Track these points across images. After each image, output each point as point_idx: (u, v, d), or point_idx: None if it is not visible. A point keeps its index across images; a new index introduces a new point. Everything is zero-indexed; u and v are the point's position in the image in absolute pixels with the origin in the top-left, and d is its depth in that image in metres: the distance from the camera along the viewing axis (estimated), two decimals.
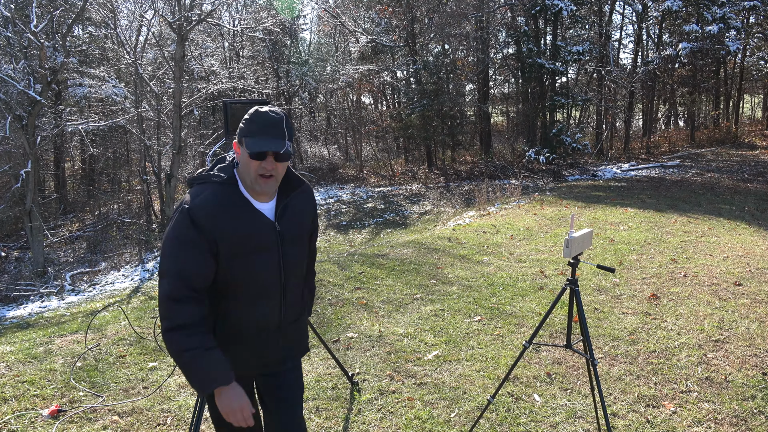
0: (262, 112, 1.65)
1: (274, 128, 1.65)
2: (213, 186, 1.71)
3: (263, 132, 1.64)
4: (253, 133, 1.65)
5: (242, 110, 2.96)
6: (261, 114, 1.65)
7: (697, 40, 17.82)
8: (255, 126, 1.65)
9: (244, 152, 1.66)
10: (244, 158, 1.67)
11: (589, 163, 17.80)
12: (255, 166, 1.65)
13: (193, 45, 17.66)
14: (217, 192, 1.70)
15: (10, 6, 13.88)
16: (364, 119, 22.96)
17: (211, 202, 1.68)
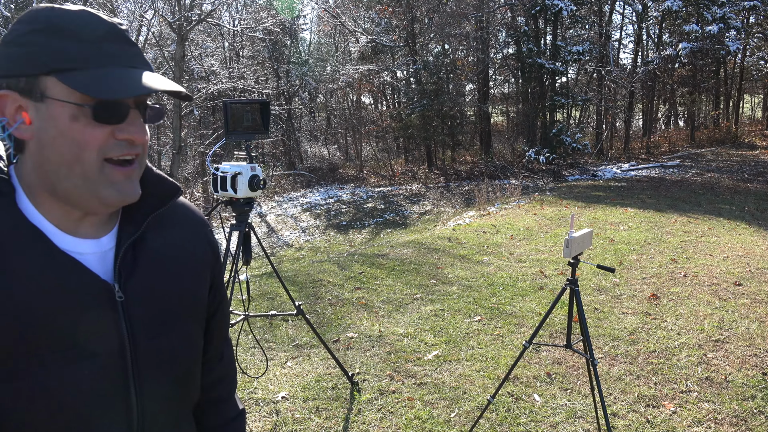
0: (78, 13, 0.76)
1: (124, 44, 0.78)
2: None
3: (106, 55, 0.75)
4: (83, 59, 0.74)
5: (242, 110, 2.95)
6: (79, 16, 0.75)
7: (697, 40, 17.82)
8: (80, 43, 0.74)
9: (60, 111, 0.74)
10: (61, 127, 0.74)
11: (589, 163, 17.80)
12: (100, 139, 0.75)
13: (193, 45, 17.66)
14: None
15: (10, 6, 13.88)
16: (364, 119, 22.97)
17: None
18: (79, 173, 0.76)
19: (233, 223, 3.02)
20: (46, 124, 0.75)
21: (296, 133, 23.51)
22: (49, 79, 0.74)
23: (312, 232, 12.77)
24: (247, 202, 2.99)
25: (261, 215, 15.03)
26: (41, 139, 0.75)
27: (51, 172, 0.76)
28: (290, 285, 5.50)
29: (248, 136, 2.97)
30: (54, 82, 0.74)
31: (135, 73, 0.76)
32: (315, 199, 16.47)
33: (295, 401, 3.25)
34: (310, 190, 18.25)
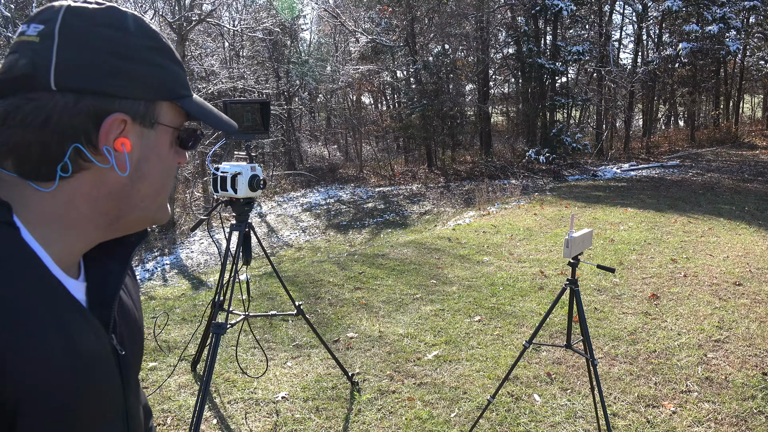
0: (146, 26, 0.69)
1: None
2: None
3: (183, 75, 0.73)
4: (180, 79, 0.72)
5: (242, 110, 2.95)
6: (153, 33, 0.70)
7: (697, 40, 17.83)
8: (170, 62, 0.71)
9: (164, 138, 0.71)
10: (163, 155, 0.71)
11: (589, 163, 17.80)
12: (173, 165, 0.74)
13: (193, 45, 17.66)
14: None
15: (10, 6, 13.88)
16: (364, 119, 22.97)
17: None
18: (161, 201, 0.74)
19: (233, 223, 3.02)
20: (150, 152, 0.69)
21: (296, 133, 23.51)
22: (164, 104, 0.70)
23: (312, 232, 12.77)
24: (247, 202, 2.99)
25: (261, 215, 15.03)
26: (140, 168, 0.68)
27: (132, 203, 0.69)
28: (290, 285, 5.50)
29: (248, 136, 2.97)
30: (168, 108, 0.70)
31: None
32: (315, 199, 16.47)
33: (295, 401, 3.25)
34: (310, 190, 18.25)
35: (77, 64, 0.62)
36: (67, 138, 0.62)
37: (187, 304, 5.05)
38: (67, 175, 0.63)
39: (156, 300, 6.53)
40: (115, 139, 0.64)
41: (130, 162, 0.66)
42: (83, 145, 0.63)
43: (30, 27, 0.63)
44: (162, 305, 5.24)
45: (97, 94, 0.62)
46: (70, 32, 0.62)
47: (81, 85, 0.61)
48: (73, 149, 0.62)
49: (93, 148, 0.63)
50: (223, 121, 0.76)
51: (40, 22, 0.63)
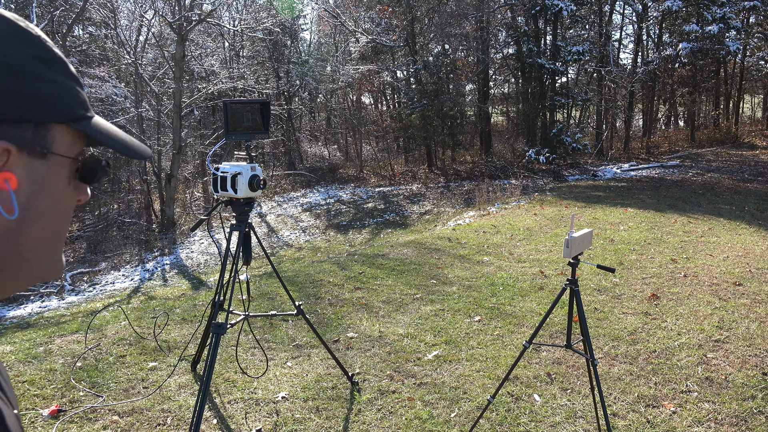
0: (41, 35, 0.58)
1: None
2: None
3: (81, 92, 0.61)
4: (77, 97, 0.59)
5: (242, 110, 2.95)
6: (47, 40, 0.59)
7: (697, 40, 17.83)
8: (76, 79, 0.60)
9: (59, 170, 0.58)
10: (58, 192, 0.59)
11: (589, 163, 17.80)
12: (71, 204, 0.63)
13: (193, 45, 17.66)
14: None
15: (10, 6, 13.88)
16: (364, 119, 22.97)
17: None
18: (55, 250, 0.61)
19: (233, 223, 3.02)
20: (41, 188, 0.56)
21: (296, 133, 23.51)
22: (58, 128, 0.56)
23: (312, 232, 12.77)
24: (247, 202, 2.99)
25: (261, 215, 15.03)
26: (29, 208, 0.55)
27: (19, 251, 0.56)
28: (290, 285, 5.50)
29: (248, 136, 2.97)
30: (63, 133, 0.57)
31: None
32: (315, 199, 16.47)
33: (295, 401, 3.25)
34: (310, 190, 18.25)
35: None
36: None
37: (187, 304, 5.05)
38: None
39: (156, 300, 6.53)
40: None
41: (16, 201, 0.53)
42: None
43: None
44: (162, 305, 5.24)
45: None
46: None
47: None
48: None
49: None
50: (133, 146, 0.62)
51: None
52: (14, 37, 0.53)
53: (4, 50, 0.52)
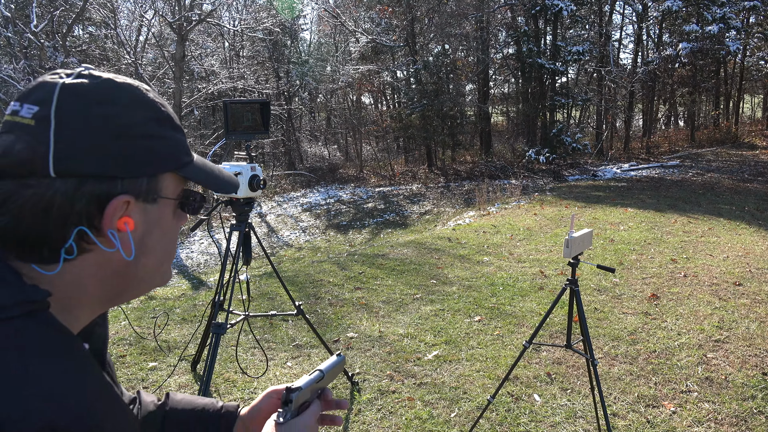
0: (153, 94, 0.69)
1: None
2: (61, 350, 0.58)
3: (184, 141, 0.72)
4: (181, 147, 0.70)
5: (242, 110, 2.95)
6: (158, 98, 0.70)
7: (697, 40, 17.83)
8: (171, 130, 0.69)
9: (167, 209, 0.69)
10: (166, 227, 0.70)
11: (589, 163, 17.80)
12: (176, 232, 0.74)
13: (193, 45, 17.66)
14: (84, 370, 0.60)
15: (10, 6, 13.88)
16: (364, 119, 22.97)
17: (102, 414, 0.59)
18: (165, 269, 0.73)
19: (233, 223, 3.02)
20: (153, 226, 0.67)
21: (296, 133, 23.50)
22: (167, 176, 0.68)
23: (312, 232, 12.77)
24: (247, 202, 2.99)
25: (261, 215, 15.03)
26: (144, 244, 0.67)
27: (138, 277, 0.68)
28: (290, 285, 5.50)
29: (248, 136, 2.97)
30: (170, 179, 0.68)
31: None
32: (315, 199, 16.47)
33: None
34: (310, 190, 18.25)
35: (76, 149, 0.59)
36: (70, 223, 0.60)
37: (187, 304, 5.05)
38: (72, 257, 0.61)
39: (156, 300, 6.53)
40: (118, 220, 0.62)
41: (133, 240, 0.65)
42: (87, 228, 0.61)
43: (23, 107, 0.60)
44: (162, 305, 5.24)
45: (98, 177, 0.60)
46: (67, 115, 0.59)
47: (81, 170, 0.59)
48: (77, 232, 0.60)
49: (96, 231, 0.62)
50: (224, 182, 0.74)
51: (34, 103, 0.60)
52: (135, 104, 0.64)
53: (128, 119, 0.63)
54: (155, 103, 0.67)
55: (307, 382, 0.86)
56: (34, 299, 0.58)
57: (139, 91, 0.65)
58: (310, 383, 0.87)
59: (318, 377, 0.89)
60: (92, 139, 0.60)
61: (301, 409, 0.85)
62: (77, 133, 0.59)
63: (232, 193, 0.76)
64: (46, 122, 0.58)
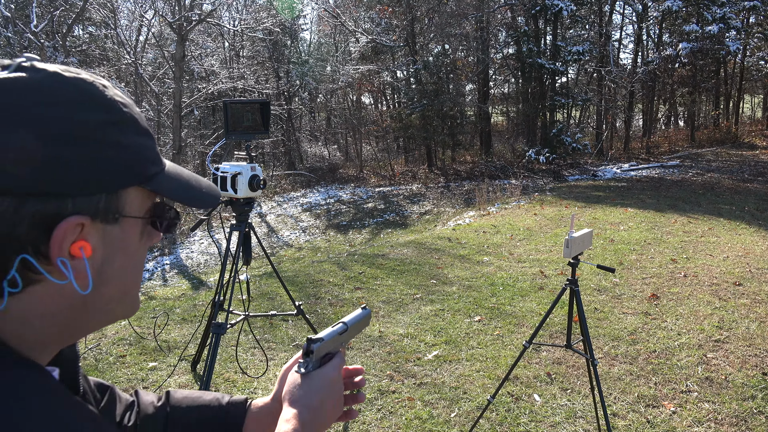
0: (113, 90, 0.59)
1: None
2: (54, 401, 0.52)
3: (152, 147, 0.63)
4: (148, 155, 0.60)
5: (242, 110, 2.95)
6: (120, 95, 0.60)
7: (697, 40, 17.83)
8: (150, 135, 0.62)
9: (132, 230, 0.60)
10: (131, 250, 0.61)
11: (589, 163, 17.80)
12: (144, 254, 0.65)
13: (193, 45, 17.67)
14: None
15: (10, 6, 13.88)
16: (364, 119, 22.97)
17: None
18: (131, 297, 0.63)
19: (233, 223, 3.02)
20: (115, 251, 0.57)
21: (296, 133, 23.51)
22: (130, 190, 0.57)
23: (312, 232, 12.77)
24: (247, 202, 2.99)
25: (261, 215, 15.03)
26: (105, 272, 0.57)
27: (97, 308, 0.58)
28: (290, 285, 5.50)
29: (248, 136, 2.97)
30: (134, 193, 0.58)
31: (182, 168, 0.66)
32: (315, 199, 16.47)
33: None
34: (310, 190, 18.25)
35: (9, 160, 0.48)
36: (11, 251, 0.49)
37: (187, 304, 5.05)
38: (17, 290, 0.51)
39: (156, 300, 6.53)
40: (71, 245, 0.52)
41: (91, 269, 0.54)
42: (32, 256, 0.50)
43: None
44: (162, 305, 5.24)
45: (42, 195, 0.50)
46: (1, 120, 0.48)
47: (19, 187, 0.48)
48: (20, 261, 0.50)
49: (44, 259, 0.51)
50: (201, 195, 0.64)
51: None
52: (86, 104, 0.53)
53: (78, 123, 0.52)
54: (114, 102, 0.55)
55: (329, 334, 0.83)
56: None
57: (93, 87, 0.54)
58: (333, 335, 0.84)
59: (341, 329, 0.85)
60: (31, 148, 0.49)
61: (323, 361, 0.82)
62: (10, 140, 0.48)
63: (211, 207, 0.66)
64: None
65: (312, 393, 0.77)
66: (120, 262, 0.58)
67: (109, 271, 0.57)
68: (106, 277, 0.57)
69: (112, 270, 0.57)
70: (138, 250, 0.60)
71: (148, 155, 0.58)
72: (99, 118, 0.53)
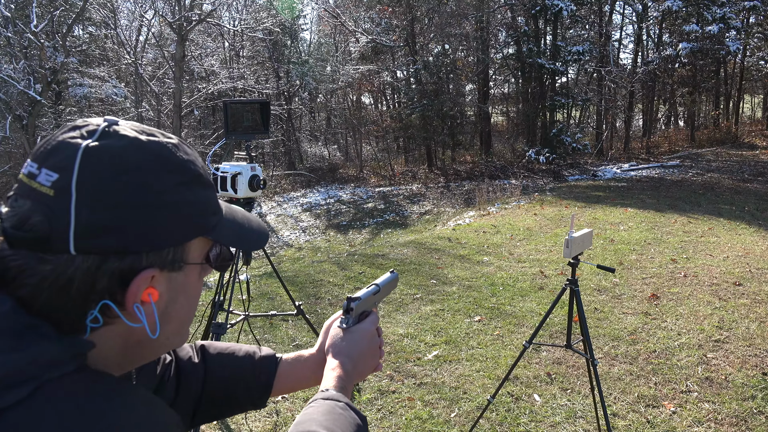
0: (183, 144, 0.66)
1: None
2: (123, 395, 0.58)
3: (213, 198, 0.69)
4: (210, 207, 0.67)
5: (242, 110, 2.95)
6: (188, 149, 0.66)
7: (697, 40, 17.82)
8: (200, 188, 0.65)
9: (193, 273, 0.67)
10: (191, 291, 0.68)
11: (589, 163, 17.79)
12: (200, 290, 0.73)
13: (193, 45, 17.66)
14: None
15: (10, 6, 13.87)
16: (364, 119, 22.96)
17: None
18: (184, 333, 0.70)
19: None
20: (177, 293, 0.65)
21: (296, 133, 23.51)
22: (194, 240, 0.64)
23: (312, 232, 12.77)
24: (247, 202, 2.99)
25: (261, 215, 15.02)
26: (168, 313, 0.64)
27: (159, 343, 0.66)
28: (290, 285, 5.50)
29: (248, 136, 2.97)
30: (197, 243, 0.65)
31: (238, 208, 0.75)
32: (315, 199, 16.47)
33: (295, 401, 3.25)
34: (310, 190, 18.25)
35: (98, 225, 0.55)
36: (92, 299, 0.57)
37: None
38: (98, 326, 0.59)
39: None
40: (142, 292, 0.59)
41: (157, 310, 0.62)
42: (112, 302, 0.58)
43: (42, 172, 0.56)
44: None
45: (121, 253, 0.57)
46: (89, 186, 0.55)
47: (103, 247, 0.55)
48: (102, 305, 0.58)
49: (120, 305, 0.59)
50: (256, 236, 0.72)
51: (53, 169, 0.55)
52: (162, 168, 0.59)
53: (155, 188, 0.58)
54: (184, 162, 0.62)
55: (365, 293, 0.93)
56: (84, 351, 0.57)
57: (167, 150, 0.61)
58: (368, 294, 0.94)
59: (375, 290, 0.96)
60: (116, 213, 0.55)
61: (360, 318, 0.93)
62: (100, 206, 0.55)
63: (260, 248, 0.77)
64: (66, 194, 0.54)
65: (353, 345, 0.90)
66: (181, 302, 0.66)
67: (172, 312, 0.65)
68: (168, 317, 0.64)
69: (174, 310, 0.65)
70: (196, 288, 0.68)
71: (211, 207, 0.66)
72: (173, 181, 0.60)
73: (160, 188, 0.58)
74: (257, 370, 0.93)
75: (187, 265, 0.64)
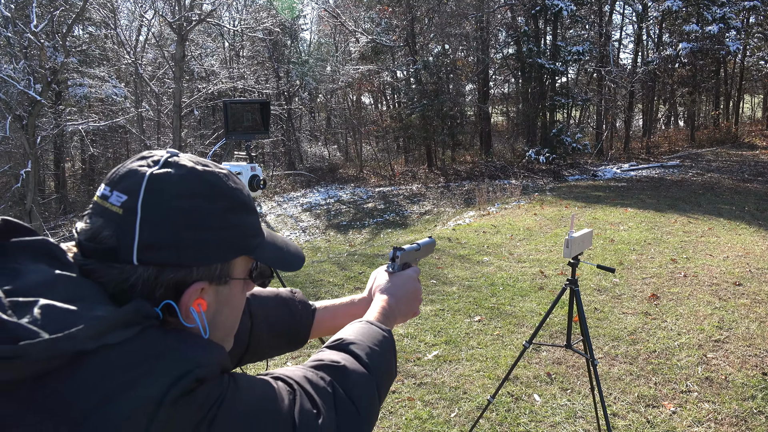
0: (231, 174, 0.76)
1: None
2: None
3: (256, 222, 0.79)
4: (253, 230, 0.76)
5: (242, 110, 2.95)
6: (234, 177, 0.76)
7: (697, 40, 17.82)
8: (245, 214, 0.74)
9: (237, 287, 0.76)
10: (235, 303, 0.77)
11: (589, 163, 17.80)
12: (243, 303, 0.81)
13: (193, 45, 17.67)
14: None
15: (10, 6, 13.87)
16: (364, 119, 22.97)
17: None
18: (228, 342, 0.79)
19: None
20: (223, 305, 0.73)
21: (296, 133, 23.51)
22: (238, 259, 0.73)
23: (312, 232, 12.78)
24: None
25: (261, 215, 15.03)
26: (214, 322, 0.72)
27: (220, 330, 0.77)
28: (290, 285, 5.50)
29: (248, 136, 2.97)
30: (241, 261, 0.74)
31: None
32: (315, 199, 16.47)
33: None
34: (310, 190, 18.26)
35: (158, 241, 0.64)
36: (153, 300, 0.66)
37: None
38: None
39: None
40: (193, 302, 0.68)
41: (206, 319, 0.70)
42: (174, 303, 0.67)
43: (113, 194, 0.66)
44: None
45: (176, 266, 0.66)
46: (152, 207, 0.64)
47: (161, 260, 0.65)
48: (164, 304, 0.66)
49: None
50: (292, 258, 0.81)
51: (122, 192, 0.65)
52: (214, 195, 0.69)
53: (208, 212, 0.67)
54: (233, 190, 0.71)
55: (409, 247, 1.07)
56: (154, 314, 0.65)
57: (218, 180, 0.70)
58: (411, 249, 1.09)
59: (416, 248, 1.11)
60: (173, 231, 0.65)
61: (404, 268, 1.08)
62: (160, 225, 0.64)
63: (297, 270, 0.84)
64: (132, 213, 0.64)
65: (397, 286, 1.08)
66: (226, 313, 0.74)
67: (218, 321, 0.73)
68: (214, 327, 0.72)
69: (220, 320, 0.73)
70: (240, 301, 0.77)
71: (254, 230, 0.74)
72: (223, 206, 0.69)
73: (213, 212, 0.68)
74: (299, 315, 1.06)
75: (232, 280, 0.73)
